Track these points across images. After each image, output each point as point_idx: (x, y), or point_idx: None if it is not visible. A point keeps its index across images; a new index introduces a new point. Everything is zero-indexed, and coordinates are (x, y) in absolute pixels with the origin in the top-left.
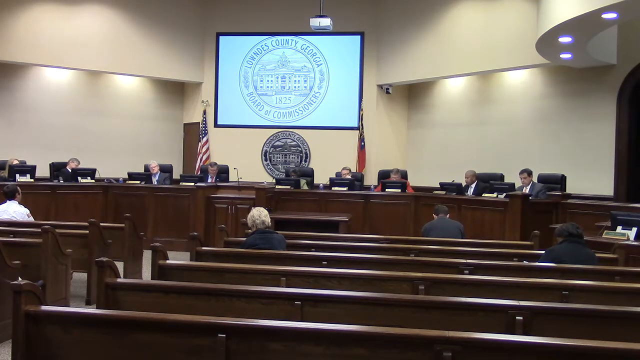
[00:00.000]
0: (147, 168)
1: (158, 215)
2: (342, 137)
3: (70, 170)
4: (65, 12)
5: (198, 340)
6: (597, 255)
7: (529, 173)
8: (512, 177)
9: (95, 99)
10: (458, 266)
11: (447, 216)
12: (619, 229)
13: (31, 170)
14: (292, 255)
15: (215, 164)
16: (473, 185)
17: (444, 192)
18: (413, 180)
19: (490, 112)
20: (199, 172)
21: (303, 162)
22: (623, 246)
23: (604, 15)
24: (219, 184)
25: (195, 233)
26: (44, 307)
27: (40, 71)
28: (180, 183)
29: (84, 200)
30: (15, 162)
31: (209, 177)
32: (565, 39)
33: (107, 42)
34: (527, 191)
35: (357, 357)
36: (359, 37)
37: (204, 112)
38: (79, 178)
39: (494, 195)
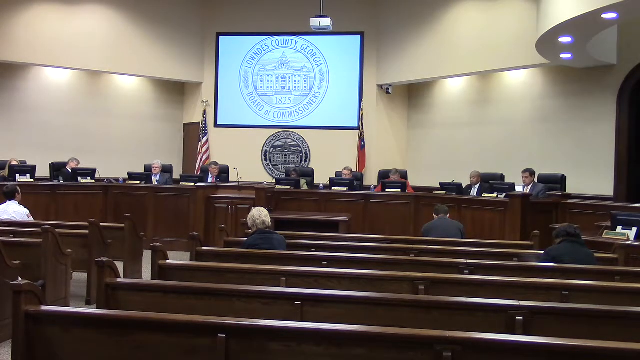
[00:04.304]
0: (147, 168)
1: (158, 215)
2: (342, 137)
3: (70, 170)
4: (65, 12)
5: (198, 340)
6: (597, 255)
7: (532, 173)
8: (512, 177)
9: (96, 99)
10: (458, 266)
11: (447, 216)
12: (619, 229)
13: (31, 170)
14: (292, 255)
15: (216, 163)
16: (477, 186)
17: (444, 192)
18: (413, 180)
19: (490, 112)
20: (199, 172)
21: (303, 162)
22: (623, 246)
23: (604, 15)
24: (219, 184)
25: (195, 233)
26: (44, 307)
27: (40, 71)
28: (180, 183)
29: (84, 200)
30: (15, 162)
31: (209, 177)
32: (565, 39)
33: (107, 42)
34: (528, 191)
35: (357, 357)
36: (359, 37)
37: (204, 112)
38: (79, 178)
39: (494, 195)
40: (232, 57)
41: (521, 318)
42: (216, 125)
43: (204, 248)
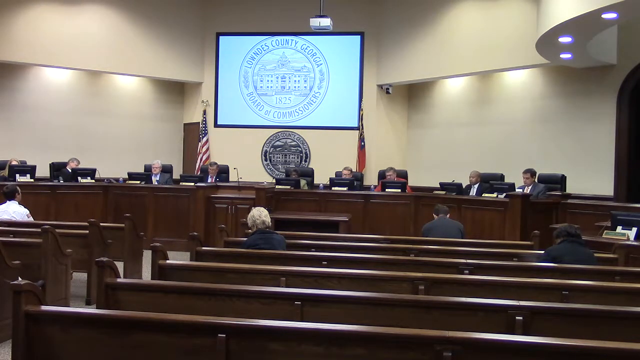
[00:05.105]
0: (147, 168)
1: (158, 215)
2: (342, 137)
3: (70, 170)
4: (65, 12)
5: (198, 340)
6: (597, 255)
7: (533, 174)
8: (512, 177)
9: (95, 99)
10: (458, 266)
11: (447, 216)
12: (619, 229)
13: (31, 170)
14: (292, 255)
15: (215, 163)
16: (476, 186)
17: (444, 192)
18: (413, 180)
19: (490, 112)
20: (199, 172)
21: (303, 162)
22: (623, 246)
23: (604, 15)
24: (219, 184)
25: (195, 233)
26: (44, 307)
27: (40, 71)
28: (180, 183)
29: (84, 200)
30: (15, 162)
31: (209, 177)
32: (565, 39)
33: (107, 42)
34: (528, 191)
35: (357, 357)
36: (359, 37)
37: (204, 112)
38: (79, 178)
39: (494, 195)
40: (232, 57)
41: (521, 318)
42: (216, 125)
43: (204, 248)
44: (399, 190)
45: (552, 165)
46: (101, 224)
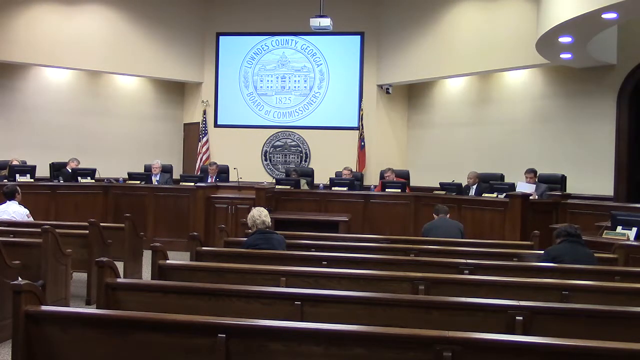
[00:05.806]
0: (147, 168)
1: (158, 215)
2: (342, 137)
3: (70, 170)
4: (65, 12)
5: (198, 340)
6: (597, 255)
7: (535, 173)
8: (512, 177)
9: (95, 99)
10: (458, 266)
11: (447, 216)
12: (619, 229)
13: (31, 170)
14: (292, 255)
15: (215, 163)
16: (475, 186)
17: (444, 192)
18: (413, 180)
19: (490, 112)
20: (199, 172)
21: (303, 162)
22: (623, 246)
23: (604, 15)
24: (219, 184)
25: (195, 233)
26: (44, 307)
27: (40, 71)
28: (180, 183)
29: (84, 200)
30: (16, 162)
31: (209, 177)
32: (565, 39)
33: (107, 42)
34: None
35: (357, 357)
36: (359, 37)
37: (204, 112)
38: (79, 178)
39: (494, 195)
40: (232, 57)
41: (521, 318)
42: (216, 125)
43: (204, 248)
44: (399, 190)
45: (552, 165)
46: (101, 224)
